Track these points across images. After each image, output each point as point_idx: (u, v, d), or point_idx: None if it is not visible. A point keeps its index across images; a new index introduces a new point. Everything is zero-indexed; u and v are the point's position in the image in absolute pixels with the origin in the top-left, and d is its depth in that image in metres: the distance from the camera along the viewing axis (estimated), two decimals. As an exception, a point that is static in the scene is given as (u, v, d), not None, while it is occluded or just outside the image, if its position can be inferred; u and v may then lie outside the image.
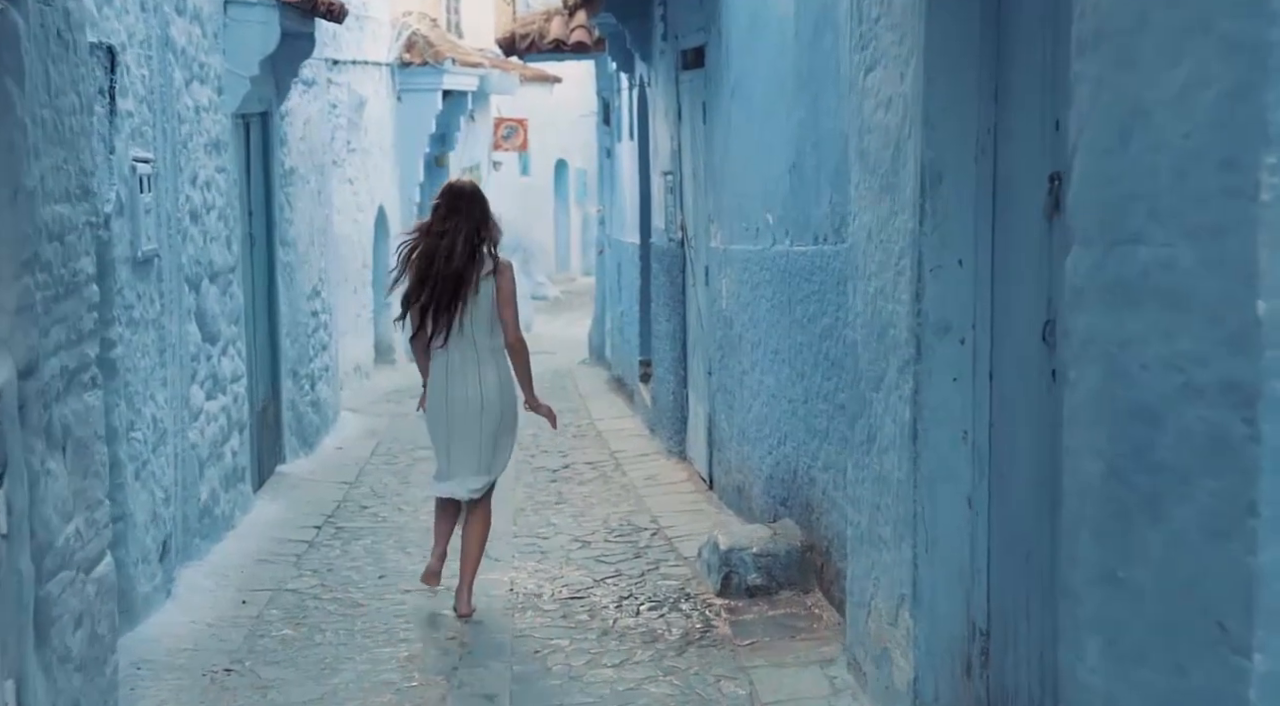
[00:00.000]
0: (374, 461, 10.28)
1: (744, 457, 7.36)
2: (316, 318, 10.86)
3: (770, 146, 6.56)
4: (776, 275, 6.45)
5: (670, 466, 9.45)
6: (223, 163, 7.74)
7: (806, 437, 6.00)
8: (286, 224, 9.85)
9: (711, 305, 8.21)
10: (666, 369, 10.06)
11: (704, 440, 8.60)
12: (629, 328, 12.72)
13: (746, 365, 7.21)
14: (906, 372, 4.14)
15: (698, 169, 8.63)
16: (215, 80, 7.62)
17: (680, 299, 9.46)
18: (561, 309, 25.16)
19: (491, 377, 6.05)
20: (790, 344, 6.24)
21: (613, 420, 11.95)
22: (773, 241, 6.54)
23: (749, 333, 7.12)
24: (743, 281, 7.22)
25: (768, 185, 6.63)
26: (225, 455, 7.63)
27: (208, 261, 7.33)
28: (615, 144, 14.08)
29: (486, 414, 6.06)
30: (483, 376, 6.04)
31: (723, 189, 7.74)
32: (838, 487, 5.53)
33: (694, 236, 8.88)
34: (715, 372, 8.14)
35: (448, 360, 6.05)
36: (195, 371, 7.05)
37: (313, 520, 8.18)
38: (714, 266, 8.08)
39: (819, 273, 5.72)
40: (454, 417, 6.08)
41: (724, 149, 7.66)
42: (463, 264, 5.90)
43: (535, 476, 9.52)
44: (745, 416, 7.28)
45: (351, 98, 15.37)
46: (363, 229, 15.85)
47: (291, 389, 9.89)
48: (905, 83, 4.14)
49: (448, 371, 6.06)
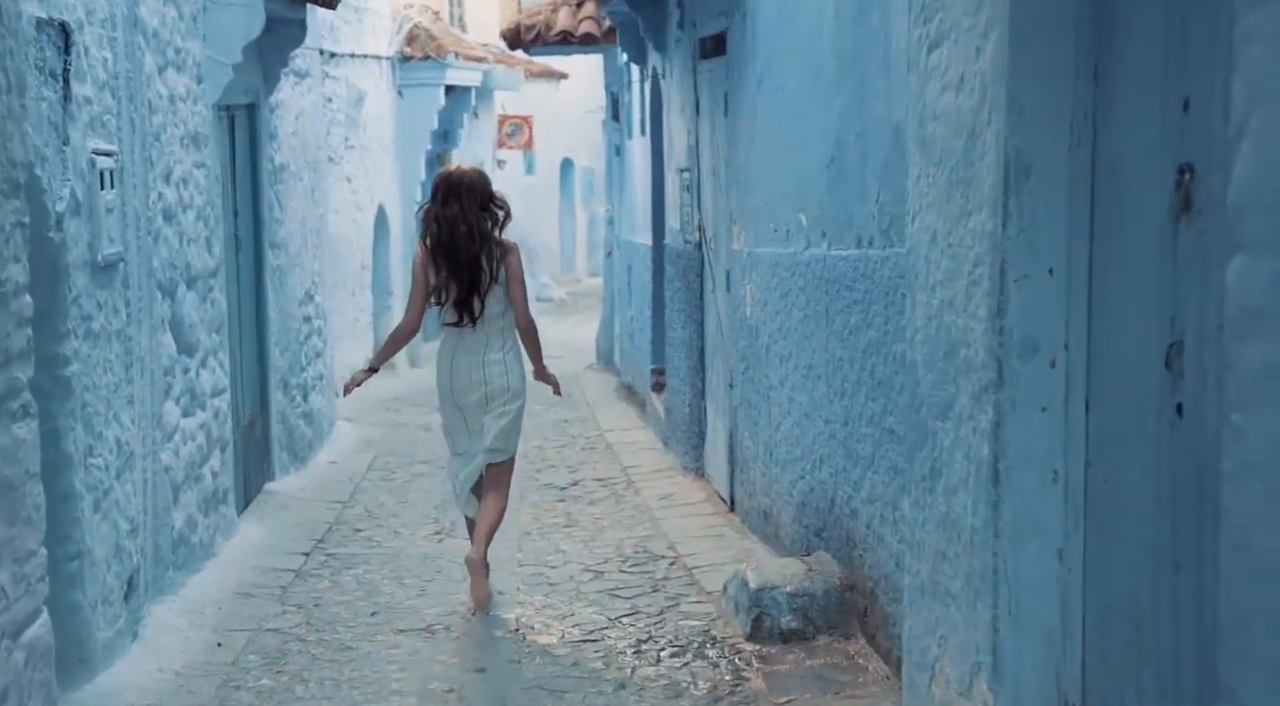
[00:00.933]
0: (370, 477, 9.65)
1: (771, 480, 6.72)
2: (309, 324, 10.23)
3: (804, 139, 5.93)
4: (811, 282, 5.81)
5: (687, 484, 8.81)
6: (202, 157, 7.11)
7: (847, 464, 5.36)
8: (276, 224, 9.22)
9: (734, 312, 7.57)
10: (682, 379, 9.42)
11: (724, 458, 7.96)
12: (640, 333, 12.08)
13: (774, 379, 6.57)
14: (984, 401, 3.50)
15: (718, 166, 8.00)
16: (194, 67, 6.98)
17: (697, 304, 8.82)
18: (567, 311, 24.50)
19: (497, 356, 6.17)
20: (827, 359, 5.60)
21: (623, 431, 11.31)
22: (806, 244, 5.90)
23: (778, 344, 6.49)
24: (770, 288, 6.58)
25: (801, 182, 5.99)
26: (204, 476, 6.99)
27: (184, 265, 6.70)
28: (625, 141, 13.45)
29: (495, 392, 6.15)
30: (488, 356, 6.15)
31: (747, 187, 7.10)
32: (886, 523, 4.89)
33: (713, 238, 8.24)
34: (738, 385, 7.51)
35: (458, 341, 6.15)
36: (169, 386, 6.42)
37: (301, 545, 7.55)
38: (736, 271, 7.44)
39: (863, 280, 5.08)
40: (462, 397, 6.19)
41: (749, 143, 7.02)
42: (478, 249, 6.01)
43: (542, 495, 8.88)
44: (773, 435, 6.64)
45: (350, 92, 14.74)
46: (361, 229, 15.21)
47: (281, 401, 9.26)
48: (982, 59, 3.50)
49: (456, 352, 6.18)
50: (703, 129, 8.46)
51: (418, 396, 14.29)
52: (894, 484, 4.79)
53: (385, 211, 16.13)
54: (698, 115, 8.60)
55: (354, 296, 14.91)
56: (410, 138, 16.97)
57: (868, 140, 5.04)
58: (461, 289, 6.05)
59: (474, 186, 6.10)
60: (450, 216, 6.02)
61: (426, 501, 8.78)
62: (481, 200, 6.06)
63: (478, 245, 6.02)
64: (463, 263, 6.02)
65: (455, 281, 6.05)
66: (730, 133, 7.52)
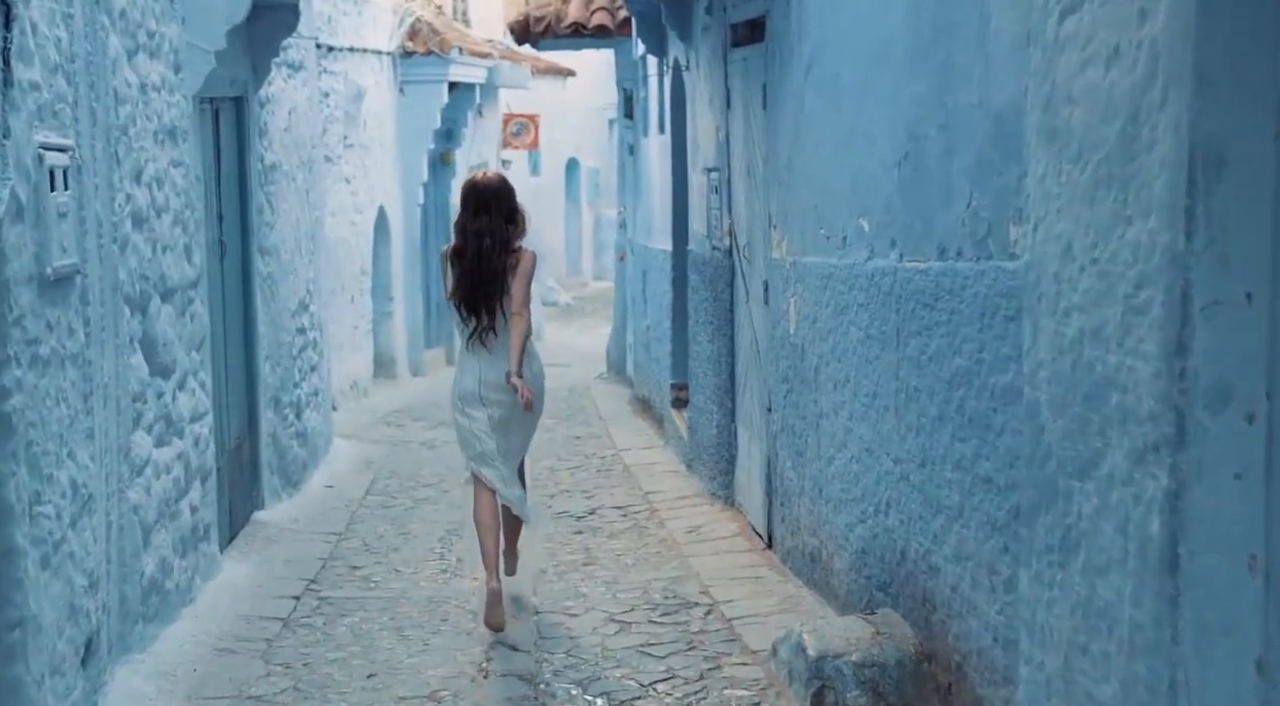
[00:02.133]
0: (368, 503, 8.86)
1: (820, 519, 5.95)
2: (304, 335, 9.45)
3: (866, 133, 5.15)
4: (876, 298, 5.03)
5: (716, 515, 8.03)
6: (180, 155, 6.33)
7: (925, 512, 4.58)
8: (266, 228, 8.44)
9: (773, 328, 6.79)
10: (708, 397, 8.65)
11: (761, 488, 7.18)
12: (658, 345, 11.31)
13: (826, 406, 5.80)
14: (1153, 462, 2.73)
15: (753, 164, 7.22)
16: (170, 54, 6.21)
17: (727, 317, 8.04)
18: (573, 316, 23.74)
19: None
20: (898, 387, 4.82)
21: (641, 451, 10.53)
22: (869, 254, 5.12)
23: (830, 367, 5.71)
24: (821, 302, 5.80)
25: (861, 183, 5.22)
26: (181, 513, 6.22)
27: (158, 276, 5.93)
28: (640, 139, 12.67)
29: (513, 401, 6.13)
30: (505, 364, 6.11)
31: (791, 188, 6.33)
32: (980, 588, 4.11)
33: (747, 245, 7.46)
34: (778, 410, 6.73)
35: (480, 348, 6.18)
36: (140, 414, 5.64)
37: (290, 587, 6.77)
38: (777, 281, 6.66)
39: (949, 297, 4.30)
40: (490, 397, 6.18)
41: (794, 139, 6.24)
42: (499, 264, 6.08)
43: (558, 525, 8.10)
44: (824, 469, 5.87)
45: (348, 88, 13.98)
46: (361, 232, 14.44)
47: (272, 420, 8.49)
48: (1150, 23, 2.73)
49: (477, 361, 6.20)
50: (735, 124, 7.68)
51: (421, 408, 13.54)
52: (991, 543, 4.01)
53: (386, 213, 15.36)
54: (729, 109, 7.82)
55: (353, 303, 14.15)
56: (412, 136, 16.21)
57: (954, 133, 4.26)
58: (478, 298, 6.10)
59: (501, 195, 6.22)
60: (478, 230, 6.12)
61: (430, 532, 8.01)
62: (508, 211, 6.16)
63: (498, 258, 6.09)
64: (483, 273, 6.08)
65: (473, 291, 6.11)
66: (770, 127, 6.74)
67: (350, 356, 13.95)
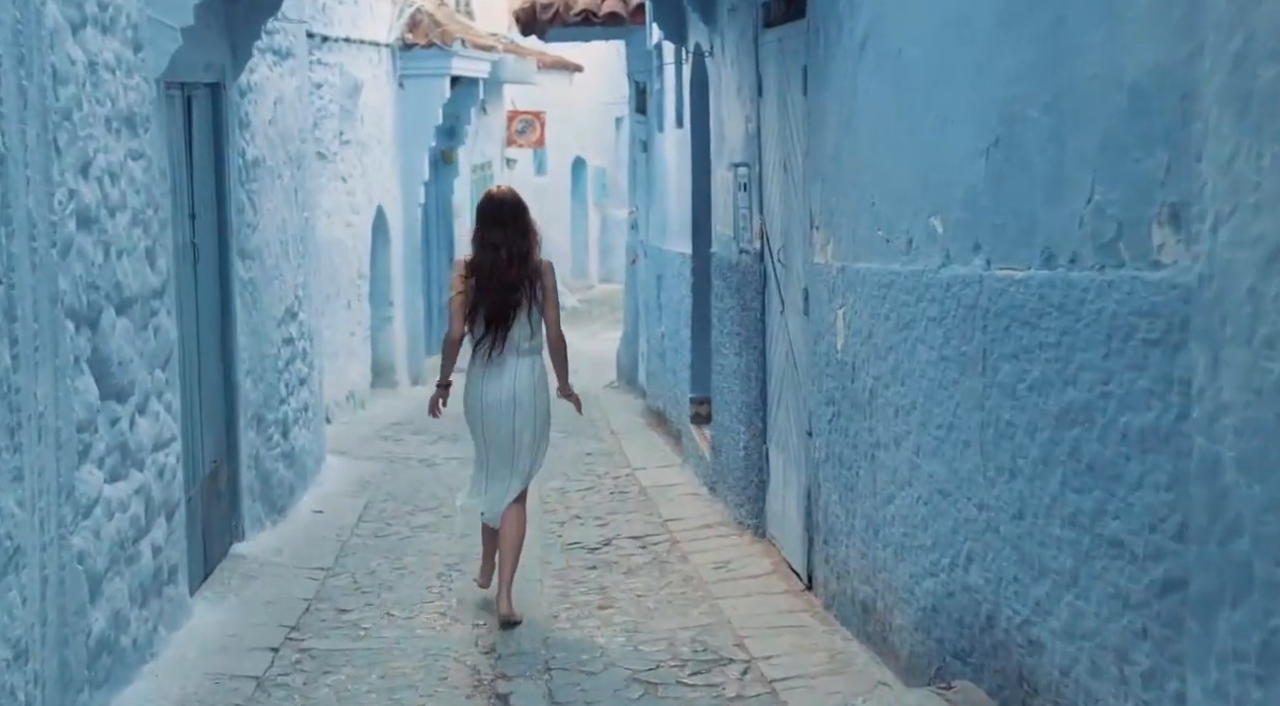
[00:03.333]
0: (361, 532, 8.07)
1: (876, 565, 5.15)
2: (291, 346, 8.66)
3: (941, 117, 4.35)
4: (954, 312, 4.23)
5: (746, 548, 7.22)
6: (140, 145, 5.54)
7: (1023, 573, 3.78)
8: (248, 230, 7.65)
9: (815, 342, 6.00)
10: (734, 416, 7.85)
11: (799, 521, 6.38)
12: (675, 355, 10.51)
13: (884, 436, 5.00)
14: None
15: (791, 158, 6.42)
16: (127, 29, 5.42)
17: (757, 328, 7.25)
18: (580, 319, 22.87)
19: (526, 378, 6.25)
20: (984, 421, 4.01)
21: (657, 470, 9.73)
22: (944, 260, 4.32)
23: (890, 390, 4.91)
24: (878, 315, 5.01)
25: (934, 176, 4.42)
26: (141, 555, 5.43)
27: (112, 285, 5.14)
28: (654, 134, 11.88)
29: (521, 413, 6.24)
30: (518, 377, 6.23)
31: (839, 184, 5.53)
32: (1106, 678, 3.30)
33: (782, 248, 6.67)
34: (821, 435, 5.93)
35: (488, 362, 6.23)
36: (87, 446, 4.84)
37: (269, 637, 5.97)
38: (820, 290, 5.87)
39: (1058, 314, 3.49)
40: (489, 416, 6.27)
41: (843, 128, 5.44)
42: (515, 277, 6.15)
43: (569, 558, 7.31)
44: (881, 508, 5.07)
45: (344, 81, 13.19)
46: (358, 234, 13.64)
47: (254, 441, 7.69)
48: None
49: (487, 372, 6.25)
50: (768, 113, 6.88)
51: (421, 421, 12.69)
52: (1123, 622, 3.21)
53: (385, 214, 14.57)
54: (760, 97, 7.02)
55: (349, 309, 13.36)
56: (412, 133, 15.42)
57: (1067, 112, 3.45)
58: (495, 311, 6.14)
59: (518, 209, 6.25)
60: (494, 242, 6.15)
61: (428, 566, 7.21)
62: (523, 224, 6.20)
63: (516, 270, 6.13)
64: (501, 286, 6.12)
65: (490, 304, 6.15)
66: (812, 116, 5.95)
67: (346, 365, 13.17)
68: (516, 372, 6.21)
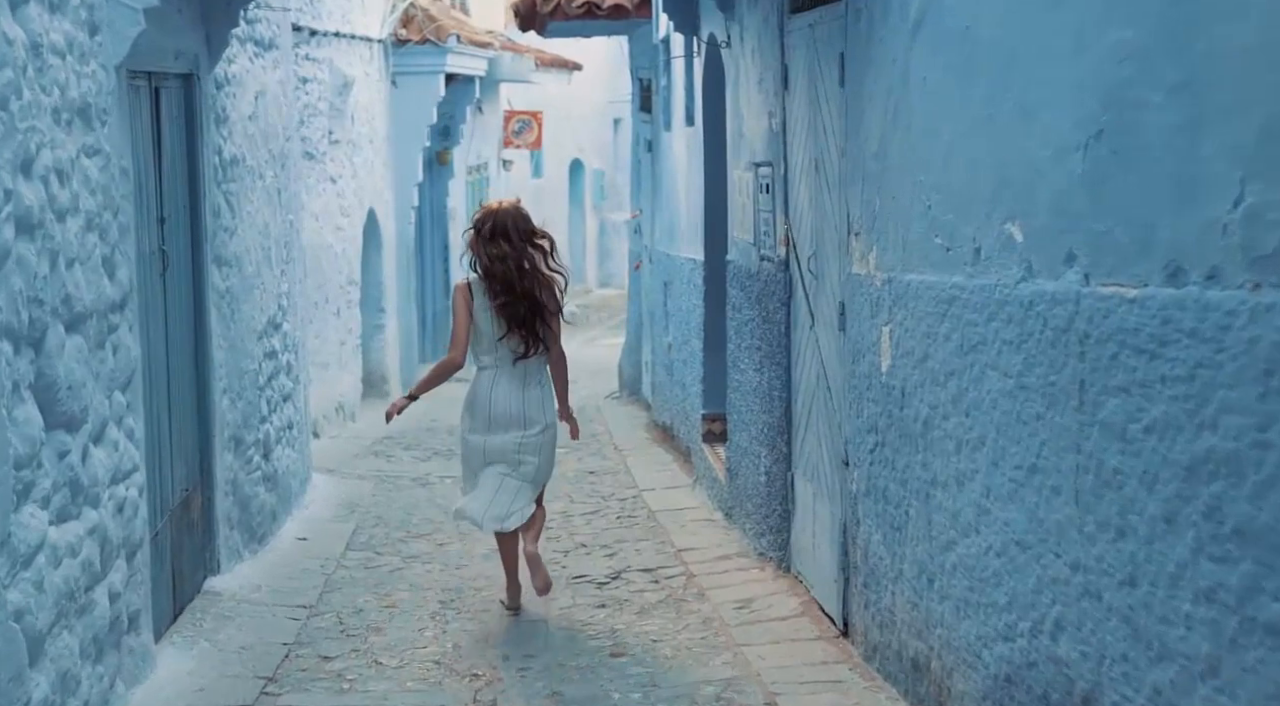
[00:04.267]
0: (348, 562, 7.43)
1: (930, 619, 4.52)
2: (274, 360, 8.02)
3: (1022, 104, 3.72)
4: (1039, 334, 3.60)
5: (770, 585, 6.58)
6: (96, 141, 4.91)
7: (1135, 652, 3.14)
8: (224, 234, 7.01)
9: (853, 362, 5.37)
10: (754, 437, 7.22)
11: (834, 560, 5.75)
12: (684, 368, 9.88)
13: (943, 473, 4.37)
14: None
15: (824, 156, 5.80)
16: (80, 9, 4.78)
17: (781, 343, 6.62)
18: (578, 326, 22.21)
19: (536, 392, 6.24)
20: (1081, 465, 3.38)
21: (667, 491, 9.11)
22: (1024, 272, 3.69)
23: (950, 422, 4.28)
24: (935, 335, 4.38)
25: (1013, 173, 3.79)
26: (95, 604, 4.79)
27: (60, 299, 4.50)
28: (661, 134, 11.26)
29: (533, 428, 6.20)
30: (528, 392, 6.21)
31: (884, 184, 4.91)
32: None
33: (813, 256, 6.04)
34: (861, 465, 5.30)
35: (497, 375, 6.19)
36: (29, 485, 4.21)
37: (242, 691, 5.33)
38: (860, 304, 5.24)
39: (1191, 341, 2.86)
40: (500, 430, 6.18)
41: (890, 120, 4.82)
42: (531, 285, 6.10)
43: (575, 595, 6.67)
44: (938, 555, 4.44)
45: (334, 77, 12.57)
46: (348, 238, 13.02)
47: (232, 465, 7.06)
48: None
49: (495, 384, 6.19)
50: (795, 108, 6.26)
51: (414, 434, 12.10)
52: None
53: (376, 217, 13.95)
54: (786, 90, 6.40)
55: (339, 316, 12.73)
56: (405, 133, 14.82)
57: (1207, 94, 2.82)
58: (515, 323, 6.10)
59: (518, 223, 6.14)
60: (499, 255, 6.08)
61: (420, 604, 6.58)
62: (525, 235, 6.12)
63: (530, 281, 6.08)
64: (518, 296, 6.07)
65: (507, 316, 6.09)
66: (851, 108, 5.32)
67: (336, 376, 12.54)
68: (527, 385, 6.20)
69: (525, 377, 6.17)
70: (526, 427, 6.16)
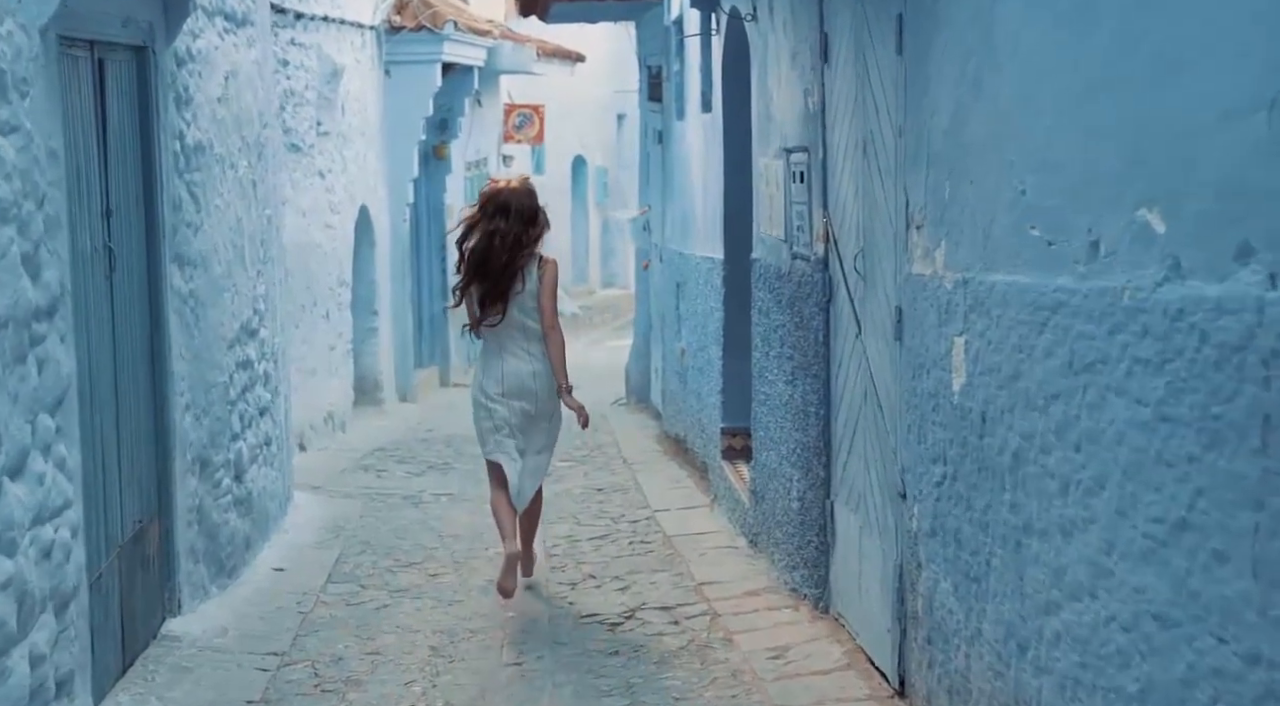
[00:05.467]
0: (329, 597, 6.63)
1: (1022, 692, 3.70)
2: (249, 369, 7.21)
3: (1165, 58, 2.90)
4: (1190, 350, 2.78)
5: (806, 628, 5.77)
6: (14, 116, 4.10)
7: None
8: (187, 230, 6.20)
9: (914, 377, 4.56)
10: (784, 457, 6.42)
11: (886, 605, 4.94)
12: (700, 376, 9.07)
13: (1040, 517, 3.55)
14: None
15: (875, 137, 4.98)
16: (-9, -45, 3.97)
17: (819, 353, 5.81)
18: (581, 327, 21.41)
19: (541, 366, 6.36)
20: (1266, 525, 2.57)
21: (682, 513, 8.29)
22: (1170, 272, 2.87)
23: (1052, 457, 3.46)
24: (1031, 348, 3.56)
25: (1150, 145, 2.97)
26: (10, 672, 3.98)
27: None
28: (673, 123, 10.45)
29: (541, 403, 6.38)
30: (534, 366, 6.35)
31: (958, 165, 4.09)
32: None
33: (860, 253, 5.23)
34: (924, 500, 4.49)
35: (502, 347, 6.36)
36: (-87, 536, 3.40)
37: (194, 768, 4.53)
38: (924, 308, 4.43)
39: None
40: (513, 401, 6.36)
41: (970, 88, 4.00)
42: (511, 258, 6.26)
43: (585, 639, 5.86)
44: (1033, 617, 3.62)
45: (322, 65, 11.75)
46: (338, 236, 12.20)
47: (196, 491, 6.25)
48: None
49: (504, 357, 6.36)
50: (837, 83, 5.45)
51: (408, 446, 11.31)
52: None
53: (369, 214, 13.13)
54: (826, 63, 5.59)
55: (328, 320, 11.91)
56: (400, 125, 13.99)
57: None
58: (488, 290, 6.29)
59: (522, 207, 6.33)
60: (491, 230, 6.28)
61: (408, 650, 5.78)
62: (528, 216, 6.31)
63: (509, 252, 6.24)
64: (492, 269, 6.27)
65: (483, 284, 6.30)
66: (913, 78, 4.51)
67: (325, 383, 11.72)
68: (531, 360, 6.36)
69: (529, 352, 6.35)
70: (534, 406, 6.37)
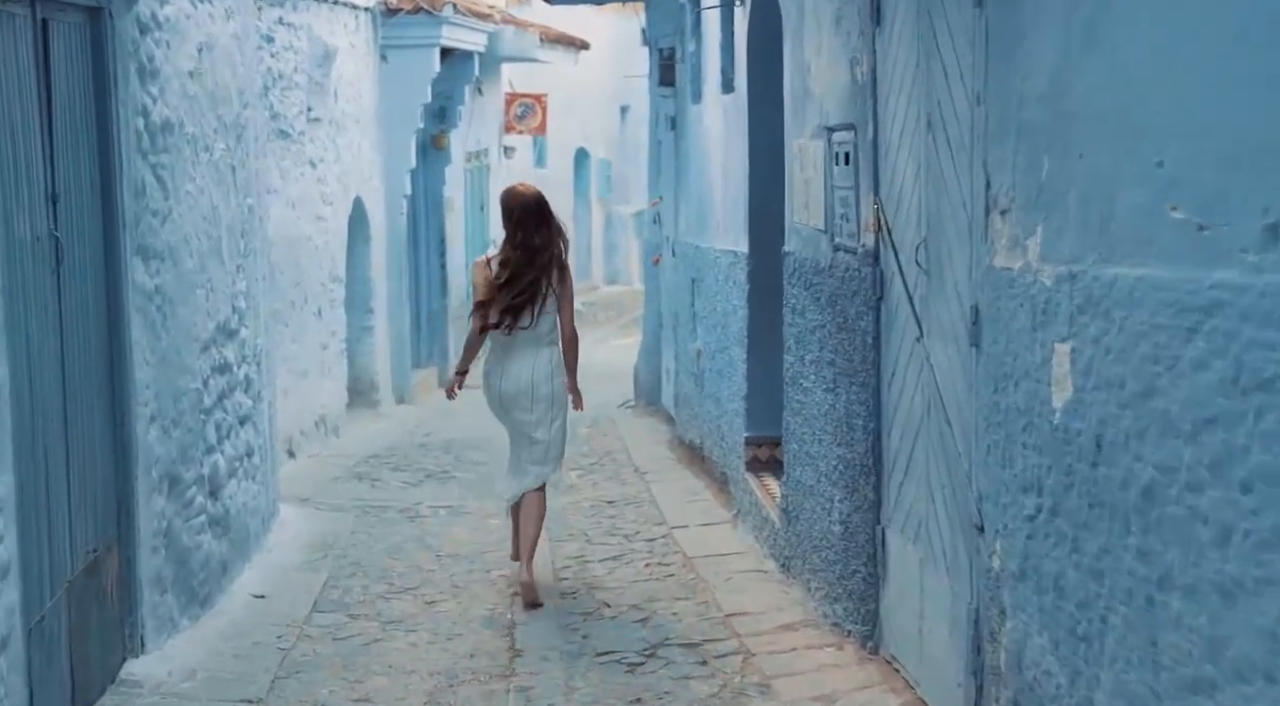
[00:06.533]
0: (313, 629, 5.93)
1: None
2: (227, 374, 6.51)
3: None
4: None
5: (854, 671, 5.06)
6: (-79, 76, 3.39)
7: None
8: (153, 219, 5.50)
9: (996, 390, 3.85)
10: (823, 474, 5.72)
11: (958, 655, 4.24)
12: (720, 380, 8.37)
13: (1188, 572, 2.85)
14: None
15: (941, 108, 4.28)
16: (-111, -121, 3.26)
17: (868, 358, 5.11)
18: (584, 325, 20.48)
19: (545, 370, 6.45)
20: None
21: (701, 530, 7.60)
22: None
23: (1205, 498, 2.76)
24: (1171, 361, 2.86)
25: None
26: (-83, 750, 3.28)
27: None
28: (688, 107, 9.75)
29: (544, 404, 6.45)
30: (537, 370, 6.42)
31: (1062, 136, 3.39)
32: None
33: (922, 244, 4.53)
34: (1011, 536, 3.79)
35: (507, 351, 6.45)
36: None
37: None
38: (1010, 308, 3.72)
39: None
40: (511, 405, 6.48)
41: (1080, 41, 3.30)
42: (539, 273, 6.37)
43: (601, 683, 5.16)
44: (1183, 696, 2.92)
45: (313, 47, 11.05)
46: (331, 229, 11.49)
47: (164, 510, 5.55)
48: None
49: (507, 361, 6.46)
50: (893, 48, 4.75)
51: (404, 451, 10.61)
52: None
53: (364, 206, 12.42)
54: (878, 27, 4.89)
55: (320, 318, 11.21)
56: (396, 113, 13.28)
57: None
58: (521, 299, 6.34)
59: (549, 211, 6.47)
60: (534, 245, 6.35)
61: (401, 696, 5.10)
62: (557, 226, 6.45)
63: (544, 266, 6.35)
64: (528, 280, 6.33)
65: (515, 292, 6.33)
66: (998, 35, 3.80)
67: (317, 385, 11.02)
68: (537, 362, 6.44)
69: (536, 355, 6.42)
70: (536, 406, 6.43)
